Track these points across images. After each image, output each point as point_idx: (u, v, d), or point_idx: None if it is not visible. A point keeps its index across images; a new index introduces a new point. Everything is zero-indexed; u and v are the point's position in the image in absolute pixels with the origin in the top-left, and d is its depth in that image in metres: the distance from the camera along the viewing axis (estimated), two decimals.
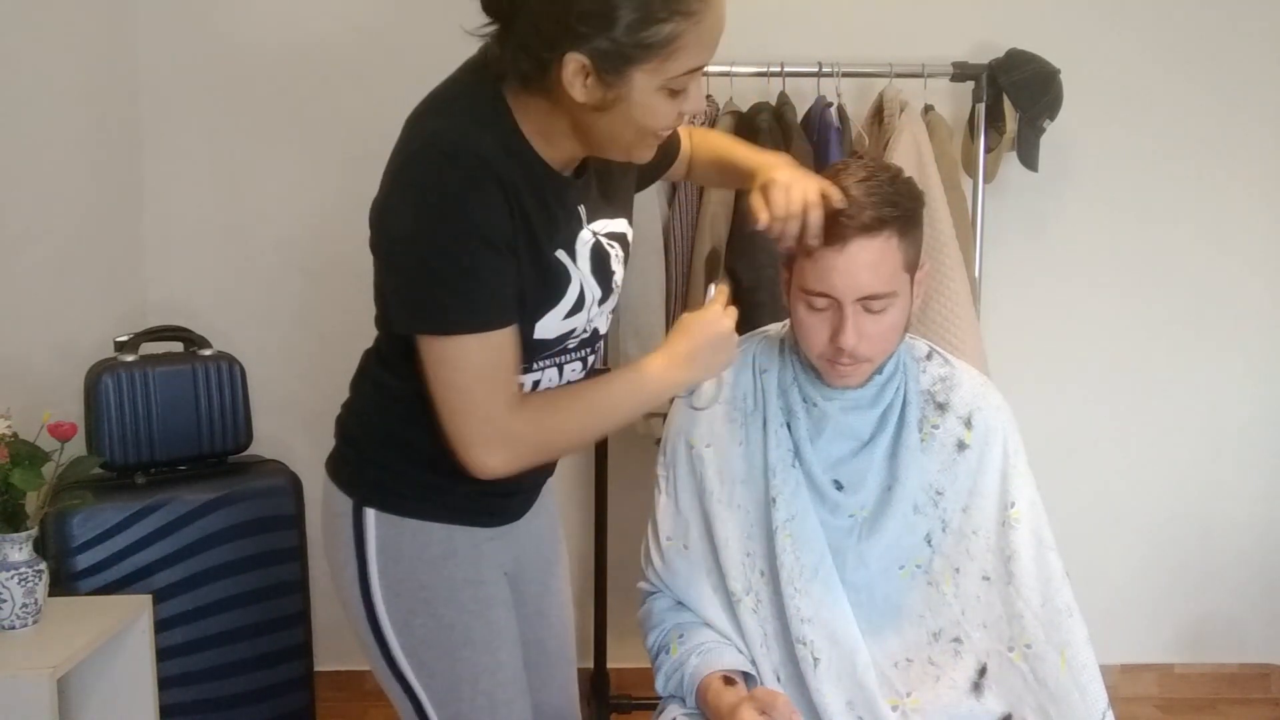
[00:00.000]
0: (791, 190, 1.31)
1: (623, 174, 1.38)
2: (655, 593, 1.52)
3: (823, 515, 1.42)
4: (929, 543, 1.43)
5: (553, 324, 1.27)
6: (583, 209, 1.30)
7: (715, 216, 2.30)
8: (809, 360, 1.42)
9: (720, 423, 1.49)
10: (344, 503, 1.34)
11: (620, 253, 1.36)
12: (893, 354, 1.42)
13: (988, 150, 2.48)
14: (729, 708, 1.31)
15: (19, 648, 1.76)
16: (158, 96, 2.66)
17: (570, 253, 1.27)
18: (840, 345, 1.33)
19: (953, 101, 2.59)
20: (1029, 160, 2.45)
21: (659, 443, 1.56)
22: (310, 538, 2.46)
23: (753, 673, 1.42)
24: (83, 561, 2.13)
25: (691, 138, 1.56)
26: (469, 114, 1.20)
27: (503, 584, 1.41)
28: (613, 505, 2.59)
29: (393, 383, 1.33)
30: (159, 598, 2.16)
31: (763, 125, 2.30)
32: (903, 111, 2.35)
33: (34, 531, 1.83)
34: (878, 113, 2.43)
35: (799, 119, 2.38)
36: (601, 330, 1.39)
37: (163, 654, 2.15)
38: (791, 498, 1.41)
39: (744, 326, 2.11)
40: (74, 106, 2.41)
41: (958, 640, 1.41)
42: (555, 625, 1.56)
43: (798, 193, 1.30)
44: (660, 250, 2.38)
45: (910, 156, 2.29)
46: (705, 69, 1.20)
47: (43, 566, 1.85)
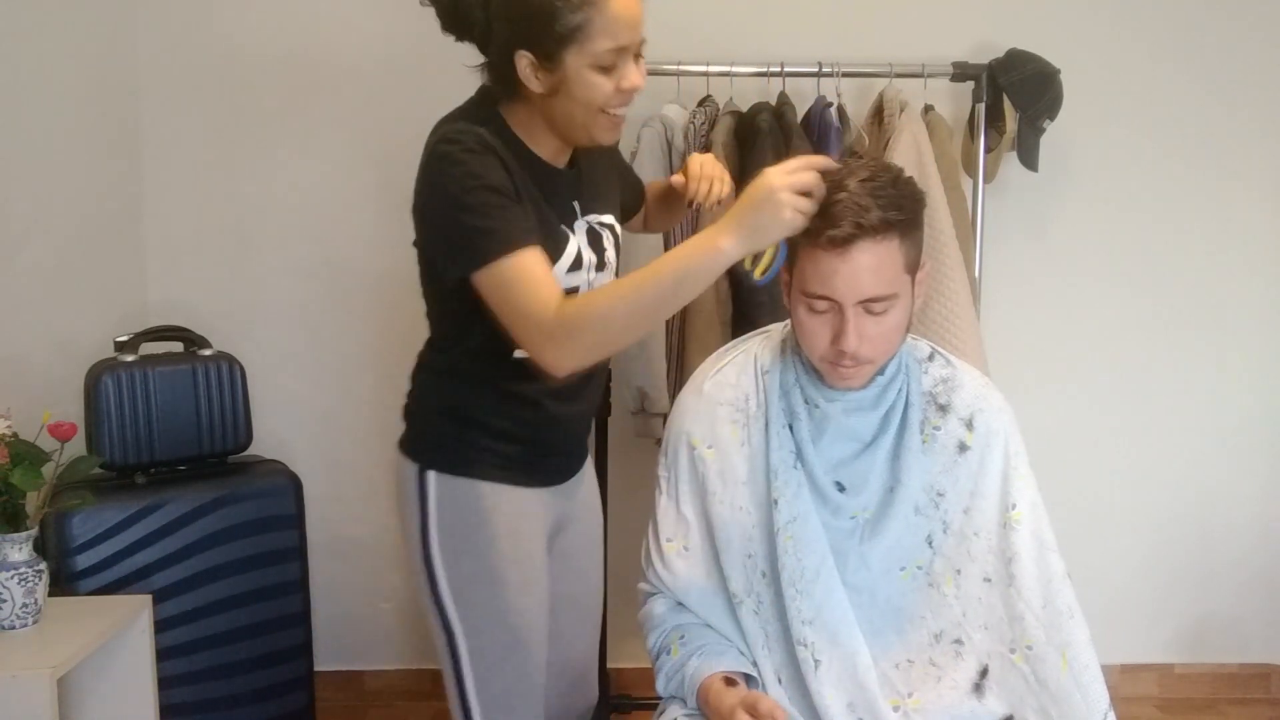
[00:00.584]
0: (705, 164, 1.69)
1: (606, 177, 1.67)
2: (656, 594, 1.52)
3: (824, 517, 1.42)
4: (930, 544, 1.43)
5: (559, 276, 1.49)
6: (577, 204, 1.57)
7: (716, 216, 2.29)
8: (811, 362, 1.42)
9: (722, 424, 1.49)
10: (411, 468, 1.60)
11: (611, 238, 1.62)
12: (895, 355, 1.43)
13: (988, 150, 2.48)
14: (729, 709, 1.31)
15: (19, 648, 1.76)
16: (158, 96, 2.66)
17: (570, 227, 1.54)
18: (842, 348, 1.33)
19: (953, 101, 2.59)
20: (1029, 160, 2.45)
21: (660, 443, 1.57)
22: (310, 538, 2.47)
23: (754, 674, 1.42)
24: (83, 561, 2.13)
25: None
26: (471, 117, 1.50)
27: (540, 540, 1.64)
28: (613, 506, 2.58)
29: (438, 359, 1.61)
30: (159, 598, 2.16)
31: (763, 125, 2.29)
32: (903, 111, 2.35)
33: (34, 531, 1.84)
34: (878, 113, 2.43)
35: (799, 119, 2.37)
36: None
37: (163, 654, 2.15)
38: (793, 499, 1.41)
39: (744, 327, 2.13)
40: (74, 106, 2.40)
41: (959, 641, 1.41)
42: (589, 584, 1.80)
43: (709, 165, 1.69)
44: (660, 250, 2.38)
45: (910, 156, 2.29)
46: (635, 49, 1.44)
47: (43, 566, 1.85)
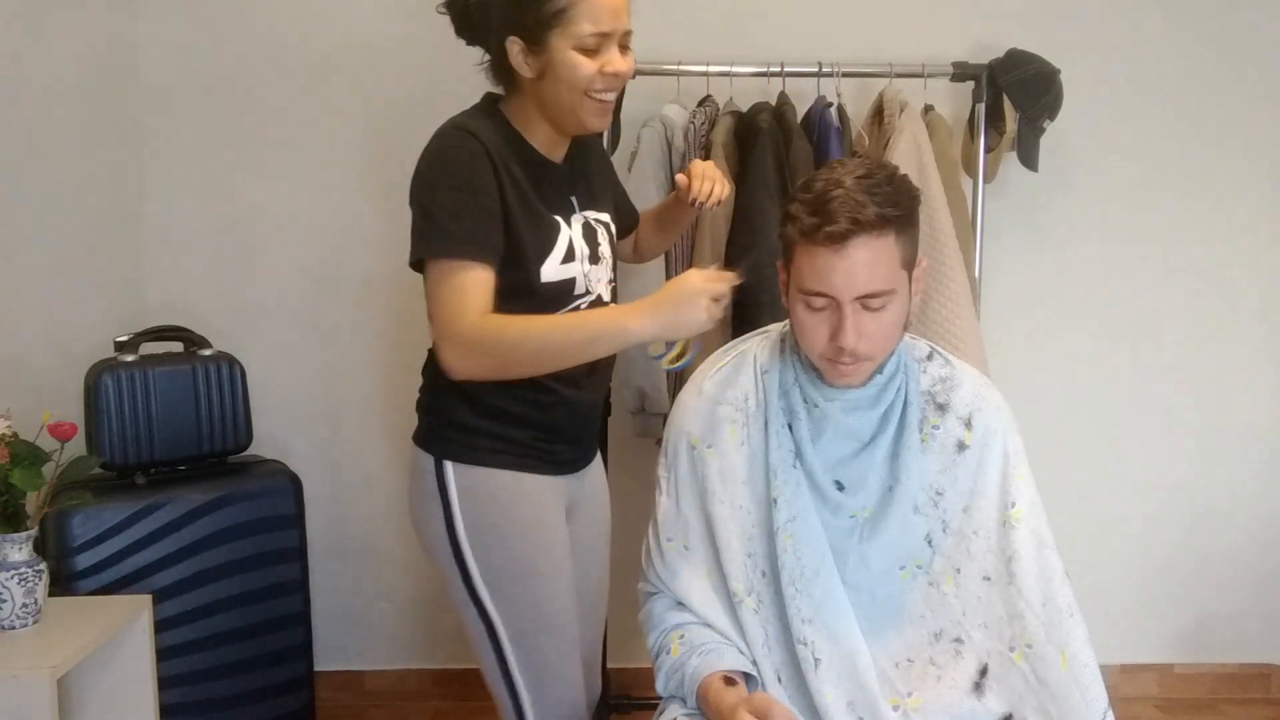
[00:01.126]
0: (707, 168, 1.74)
1: (602, 182, 1.75)
2: (656, 593, 1.52)
3: (824, 516, 1.42)
4: (929, 543, 1.43)
5: (553, 268, 1.57)
6: (575, 199, 1.65)
7: (715, 216, 2.30)
8: (810, 360, 1.42)
9: (721, 423, 1.49)
10: (427, 460, 1.62)
11: (606, 234, 1.69)
12: (893, 354, 1.43)
13: (988, 150, 2.48)
14: (729, 708, 1.31)
15: (19, 648, 1.76)
16: (158, 96, 2.66)
17: (565, 219, 1.61)
18: (840, 344, 1.34)
19: (953, 101, 2.59)
20: (1029, 160, 2.45)
21: (660, 443, 1.57)
22: (310, 538, 2.47)
23: (754, 673, 1.42)
24: (83, 561, 2.13)
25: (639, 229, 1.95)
26: (471, 114, 1.60)
27: (563, 526, 1.69)
28: (613, 506, 2.58)
29: None
30: (159, 598, 2.16)
31: (763, 125, 2.30)
32: (903, 111, 2.35)
33: (34, 531, 1.83)
34: (878, 113, 2.43)
35: (799, 119, 2.37)
36: (605, 298, 1.68)
37: (163, 654, 2.15)
38: (793, 498, 1.41)
39: (744, 327, 2.13)
40: (74, 106, 2.41)
41: (959, 640, 1.41)
42: (594, 574, 1.83)
43: (711, 169, 1.74)
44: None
45: (910, 156, 2.29)
46: (619, 36, 1.52)
47: (43, 566, 1.85)
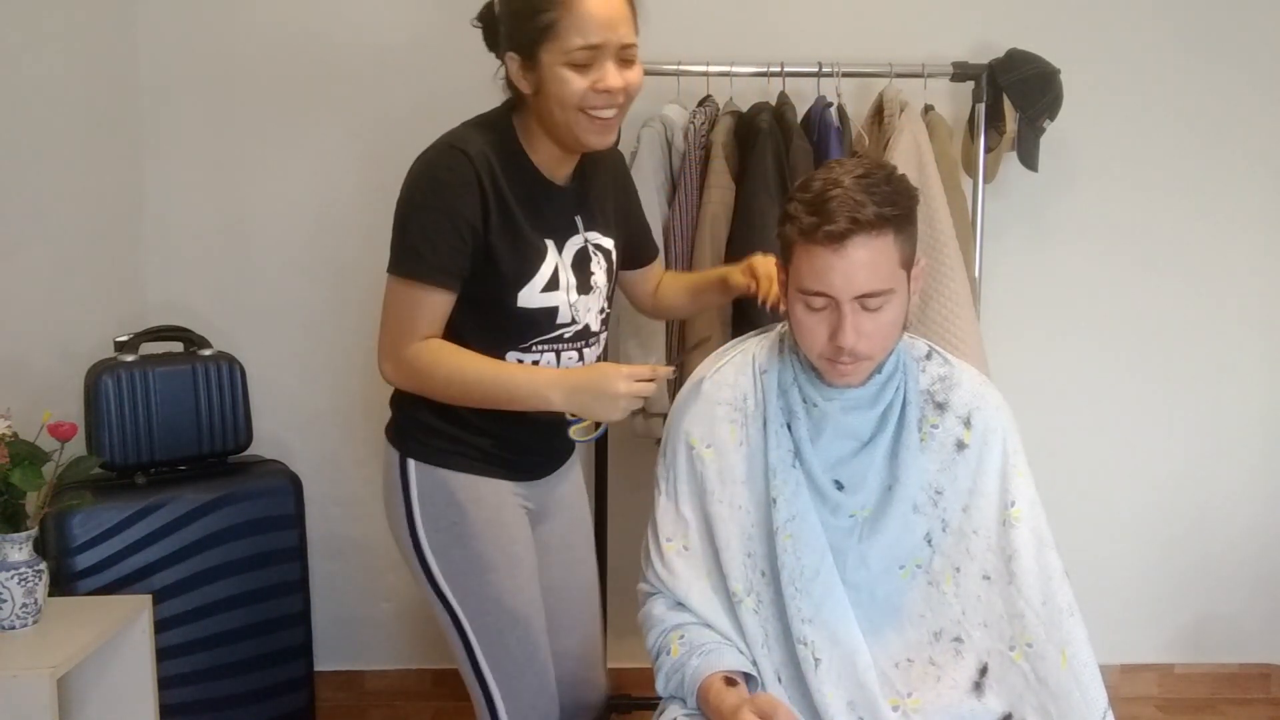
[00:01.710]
0: (768, 265, 1.69)
1: (615, 202, 1.75)
2: (655, 594, 1.51)
3: (823, 515, 1.42)
4: (929, 542, 1.43)
5: (532, 295, 1.57)
6: (579, 219, 1.64)
7: (715, 217, 2.29)
8: (809, 360, 1.42)
9: (720, 424, 1.49)
10: (393, 455, 1.66)
11: (603, 262, 1.68)
12: (892, 353, 1.43)
13: (988, 150, 2.47)
14: (730, 709, 1.31)
15: (19, 648, 1.76)
16: (158, 96, 2.66)
17: (558, 244, 1.60)
18: (840, 344, 1.34)
19: (953, 101, 2.59)
20: (1029, 160, 2.45)
21: (659, 443, 1.57)
22: (310, 538, 2.47)
23: (754, 673, 1.42)
24: (83, 561, 2.13)
25: (663, 280, 1.94)
26: (476, 127, 1.58)
27: (524, 525, 1.70)
28: (613, 506, 2.59)
29: None
30: (159, 598, 2.16)
31: (763, 125, 2.29)
32: (903, 111, 2.34)
33: (34, 531, 1.84)
34: (878, 113, 2.43)
35: (799, 119, 2.37)
36: (594, 328, 1.66)
37: (163, 654, 2.15)
38: (792, 498, 1.41)
39: (744, 326, 2.13)
40: (74, 106, 2.40)
41: (958, 640, 1.41)
42: (578, 576, 1.84)
43: (770, 265, 1.69)
44: (660, 251, 2.38)
45: (910, 156, 2.28)
46: (614, 50, 1.50)
47: (43, 566, 1.85)
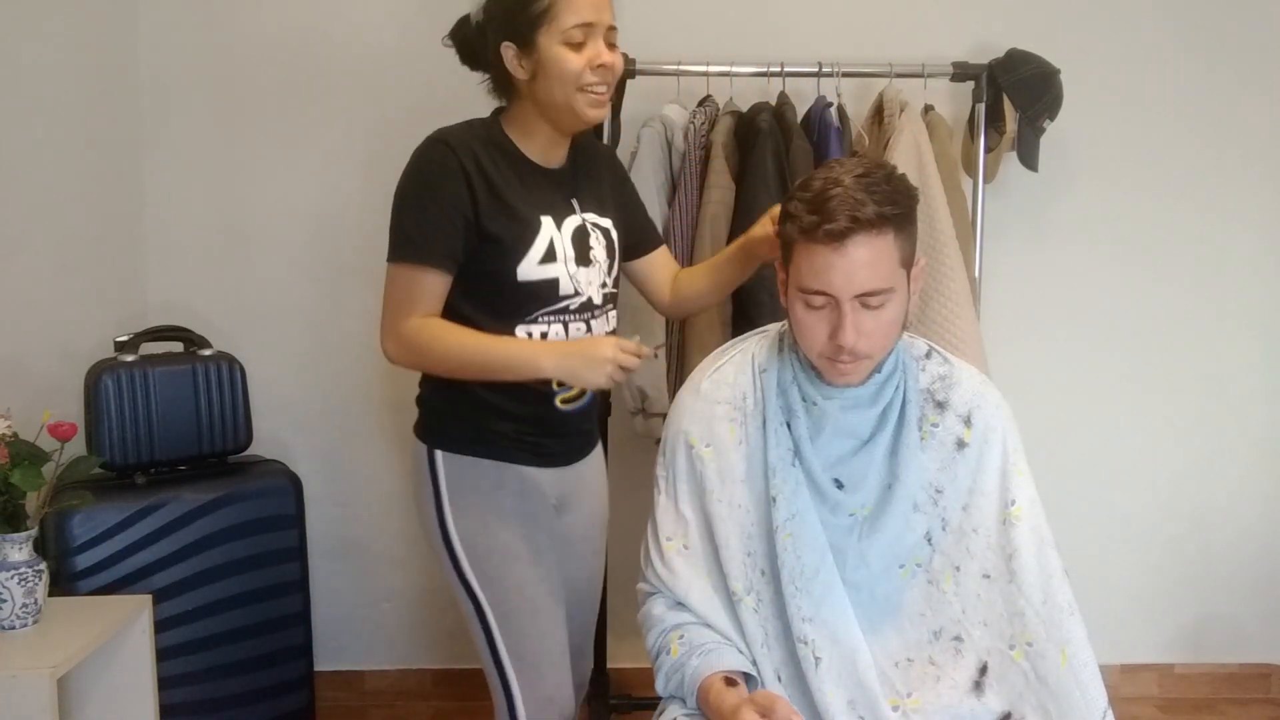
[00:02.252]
0: None
1: (612, 188, 1.81)
2: (655, 593, 1.51)
3: (823, 514, 1.42)
4: (929, 541, 1.43)
5: (530, 268, 1.63)
6: (576, 201, 1.72)
7: (716, 217, 2.30)
8: (808, 359, 1.42)
9: (720, 423, 1.49)
10: (421, 450, 1.73)
11: (603, 239, 1.74)
12: (892, 352, 1.43)
13: (988, 150, 2.47)
14: (730, 709, 1.31)
15: (19, 648, 1.76)
16: (158, 96, 2.66)
17: (556, 220, 1.67)
18: (840, 343, 1.34)
19: (953, 101, 2.59)
20: (1029, 160, 2.45)
21: (659, 443, 1.57)
22: (310, 538, 2.47)
23: (754, 673, 1.42)
24: (83, 561, 2.14)
25: (679, 274, 1.95)
26: (465, 124, 1.67)
27: (549, 513, 1.76)
28: (613, 505, 2.58)
29: None
30: (159, 598, 2.16)
31: (763, 125, 2.29)
32: (903, 111, 2.34)
33: (34, 531, 1.83)
34: (878, 113, 2.43)
35: (799, 119, 2.37)
36: (596, 300, 1.72)
37: (163, 654, 2.15)
38: (792, 497, 1.41)
39: (744, 326, 2.13)
40: (74, 106, 2.41)
41: (958, 639, 1.41)
42: (588, 569, 1.88)
43: None
44: (664, 241, 2.38)
45: (910, 156, 2.29)
46: (604, 30, 1.60)
47: (43, 566, 1.85)
